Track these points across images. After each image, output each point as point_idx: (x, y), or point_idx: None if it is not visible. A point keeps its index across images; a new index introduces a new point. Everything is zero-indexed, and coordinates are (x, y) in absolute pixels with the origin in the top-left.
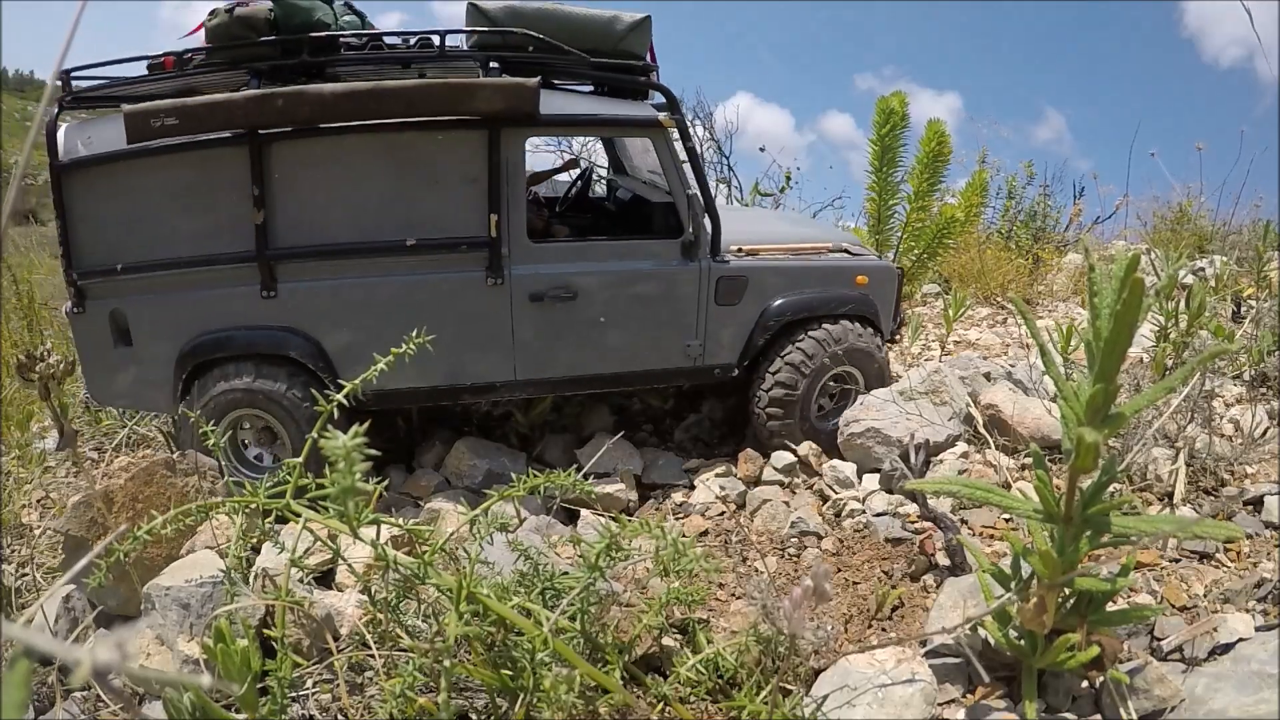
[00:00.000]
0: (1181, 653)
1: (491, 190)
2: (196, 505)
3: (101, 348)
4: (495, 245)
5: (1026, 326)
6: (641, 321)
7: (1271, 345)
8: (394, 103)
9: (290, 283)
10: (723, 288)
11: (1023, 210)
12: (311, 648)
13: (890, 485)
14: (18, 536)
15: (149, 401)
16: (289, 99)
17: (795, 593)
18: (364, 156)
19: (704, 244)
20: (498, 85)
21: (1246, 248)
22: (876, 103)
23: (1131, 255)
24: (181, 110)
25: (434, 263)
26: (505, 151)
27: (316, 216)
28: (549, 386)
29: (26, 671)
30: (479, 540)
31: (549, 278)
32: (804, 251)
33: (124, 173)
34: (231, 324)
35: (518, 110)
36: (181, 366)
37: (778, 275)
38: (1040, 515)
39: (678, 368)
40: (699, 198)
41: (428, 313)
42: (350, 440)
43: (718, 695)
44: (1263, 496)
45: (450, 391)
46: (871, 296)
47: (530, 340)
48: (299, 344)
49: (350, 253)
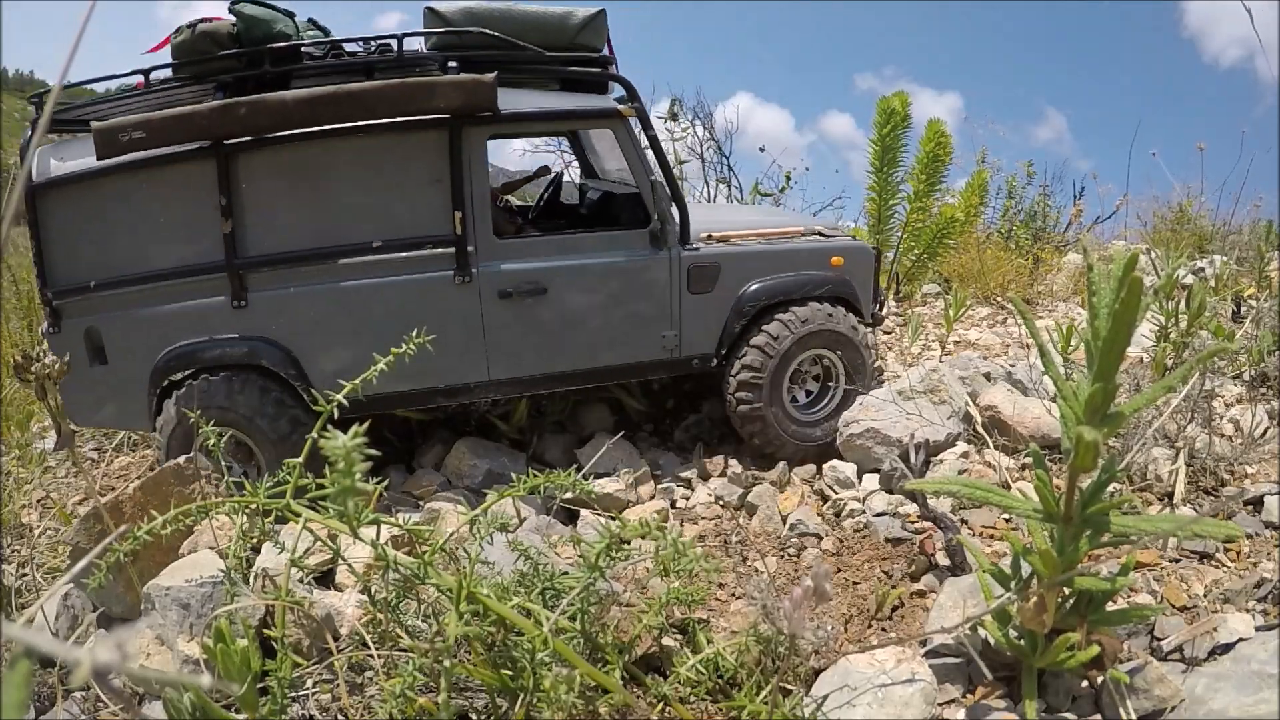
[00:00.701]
0: (1181, 653)
1: (455, 188)
2: (197, 505)
3: (78, 367)
4: (461, 243)
5: (1026, 326)
6: (614, 314)
7: (1271, 345)
8: (353, 106)
9: (260, 291)
10: (694, 275)
11: (1022, 210)
12: (311, 648)
13: (890, 485)
14: (18, 536)
15: (129, 419)
16: (250, 108)
17: (795, 593)
18: (327, 161)
19: (672, 232)
20: (455, 82)
21: (1246, 248)
22: (877, 103)
23: (1130, 254)
24: (147, 124)
25: (402, 264)
26: (467, 149)
27: (284, 224)
28: (524, 385)
29: (26, 671)
30: (479, 540)
31: (517, 274)
32: (776, 236)
33: (95, 189)
34: (203, 336)
35: (476, 105)
36: (154, 382)
37: (750, 260)
38: (1040, 515)
39: (655, 360)
40: (664, 185)
41: (397, 315)
42: (350, 440)
43: (718, 695)
44: (1263, 496)
45: (423, 395)
46: (848, 277)
47: (502, 339)
48: (271, 353)
49: (318, 258)
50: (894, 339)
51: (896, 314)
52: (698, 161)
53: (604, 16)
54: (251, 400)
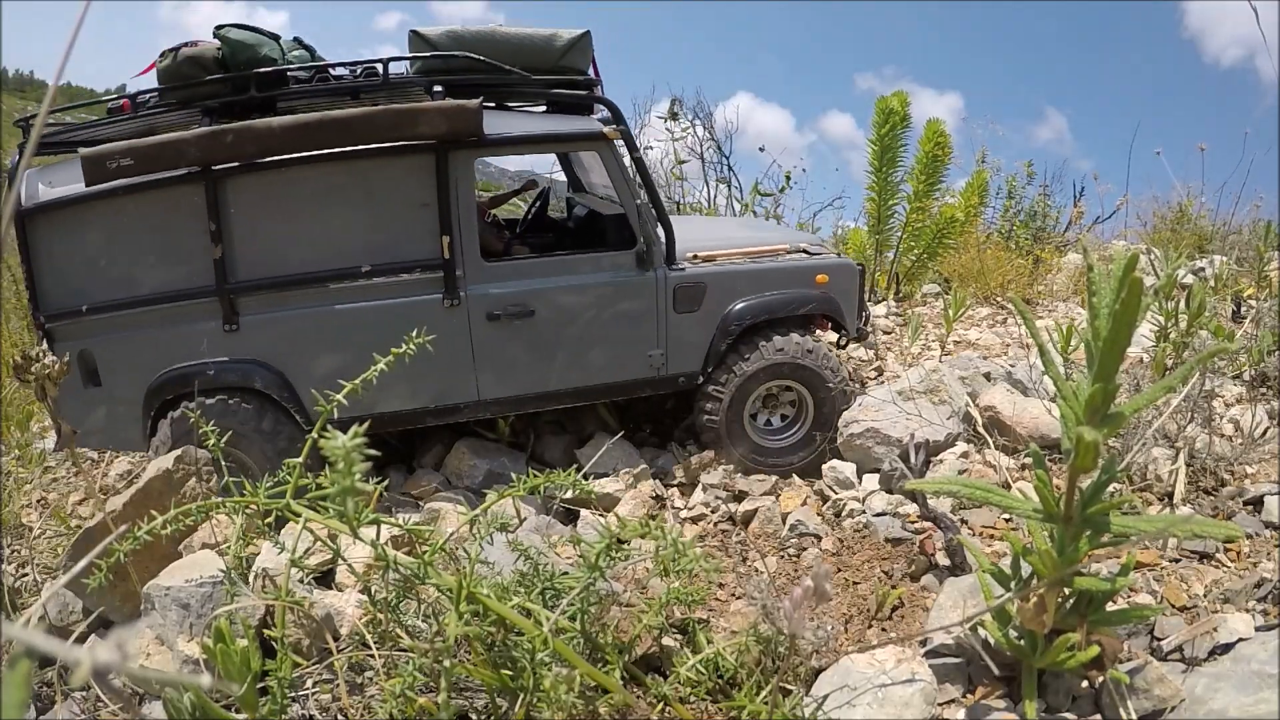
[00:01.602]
0: (1181, 653)
1: (442, 213)
2: (196, 505)
3: (72, 389)
4: (449, 267)
5: (1026, 326)
6: (601, 334)
7: (1271, 345)
8: (340, 132)
9: (252, 315)
10: (680, 295)
11: (1022, 210)
12: (311, 648)
13: (890, 485)
14: (18, 536)
15: (123, 440)
16: (238, 134)
17: (795, 593)
18: (315, 187)
19: (658, 253)
20: (440, 109)
21: (1246, 248)
22: (876, 103)
23: (1130, 255)
24: (135, 151)
25: (391, 288)
26: (454, 173)
27: (274, 249)
28: (513, 405)
29: (27, 671)
30: (479, 540)
31: (505, 296)
32: (761, 254)
33: (86, 214)
34: (196, 359)
35: (462, 132)
36: (148, 404)
37: (735, 280)
38: (1040, 515)
39: (641, 378)
40: (649, 208)
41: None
42: (350, 440)
43: (718, 695)
44: (1263, 496)
45: (413, 415)
46: (833, 294)
47: (491, 360)
48: (263, 375)
49: (308, 282)
50: (894, 339)
51: (896, 314)
52: (698, 161)
53: (589, 38)
54: (247, 421)
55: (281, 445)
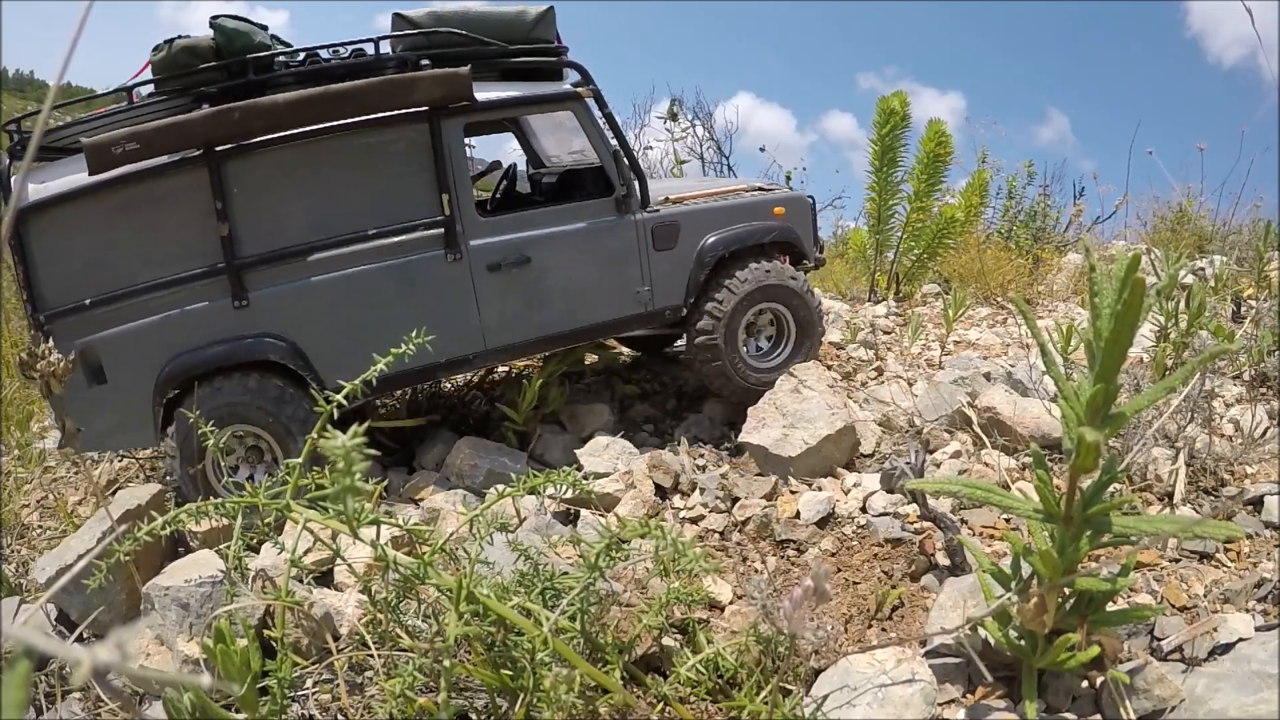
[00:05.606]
0: (1181, 653)
1: (439, 172)
2: (197, 505)
3: (75, 391)
4: (449, 223)
5: (1027, 326)
6: (593, 275)
7: (1271, 345)
8: (342, 104)
9: (260, 289)
10: (658, 234)
11: (1023, 210)
12: (311, 648)
13: (890, 485)
14: (18, 536)
15: (133, 438)
16: (244, 112)
17: (795, 593)
18: (318, 159)
19: (635, 197)
20: (435, 76)
21: (1246, 248)
22: (877, 102)
23: (1132, 255)
24: (141, 135)
25: (395, 248)
26: (447, 136)
27: (279, 221)
28: (519, 351)
29: (27, 671)
30: (479, 540)
31: (502, 246)
32: (724, 194)
33: (84, 208)
34: (207, 340)
35: (455, 96)
36: (160, 393)
37: (705, 216)
38: (1040, 515)
39: (634, 314)
40: (624, 156)
41: (395, 298)
42: (350, 440)
43: (718, 695)
44: (1263, 496)
45: (426, 371)
46: (791, 225)
47: (494, 309)
48: (277, 347)
49: (315, 250)
50: (894, 339)
51: (896, 314)
52: (698, 162)
53: (552, 12)
54: (266, 394)
55: (302, 415)
